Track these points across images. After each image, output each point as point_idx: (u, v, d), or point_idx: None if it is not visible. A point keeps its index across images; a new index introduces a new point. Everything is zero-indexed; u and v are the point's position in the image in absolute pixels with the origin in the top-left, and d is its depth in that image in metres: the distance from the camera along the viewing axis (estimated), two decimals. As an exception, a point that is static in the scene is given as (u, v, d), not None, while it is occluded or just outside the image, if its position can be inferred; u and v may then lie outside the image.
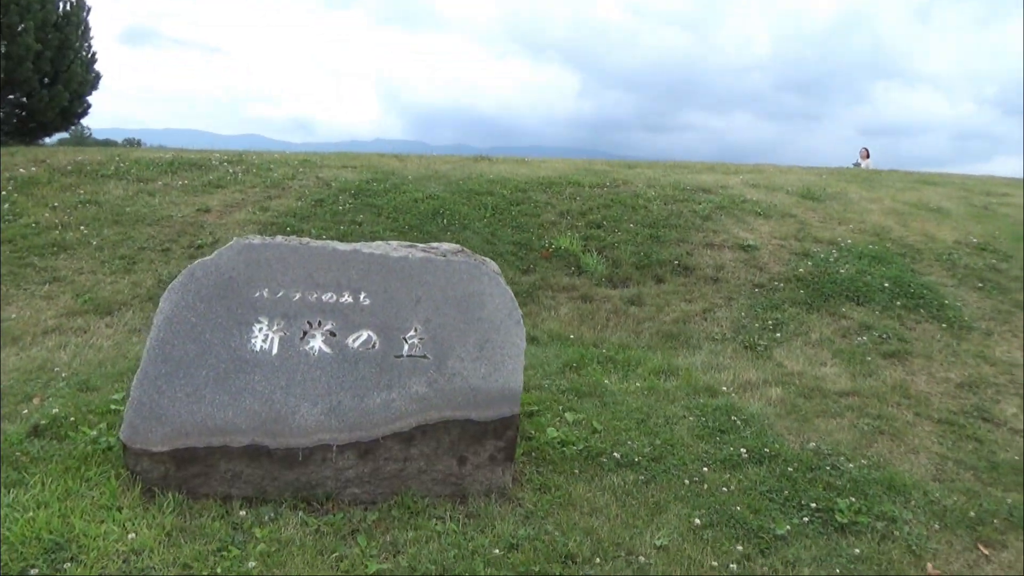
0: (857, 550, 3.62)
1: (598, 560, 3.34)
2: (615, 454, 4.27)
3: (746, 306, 6.89)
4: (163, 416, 3.60)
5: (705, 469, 4.22)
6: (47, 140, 20.02)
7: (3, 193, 8.83)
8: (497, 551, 3.32)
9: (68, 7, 18.89)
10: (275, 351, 3.81)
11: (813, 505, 3.92)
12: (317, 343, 3.85)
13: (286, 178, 9.89)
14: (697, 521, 3.70)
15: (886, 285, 7.07)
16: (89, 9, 19.66)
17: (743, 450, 4.42)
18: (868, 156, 18.98)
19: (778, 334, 6.38)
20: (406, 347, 3.87)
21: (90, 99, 20.04)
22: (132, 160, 10.67)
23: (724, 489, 4.01)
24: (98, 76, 20.18)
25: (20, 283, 6.84)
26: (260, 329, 3.87)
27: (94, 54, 20.08)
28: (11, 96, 17.67)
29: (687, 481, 4.08)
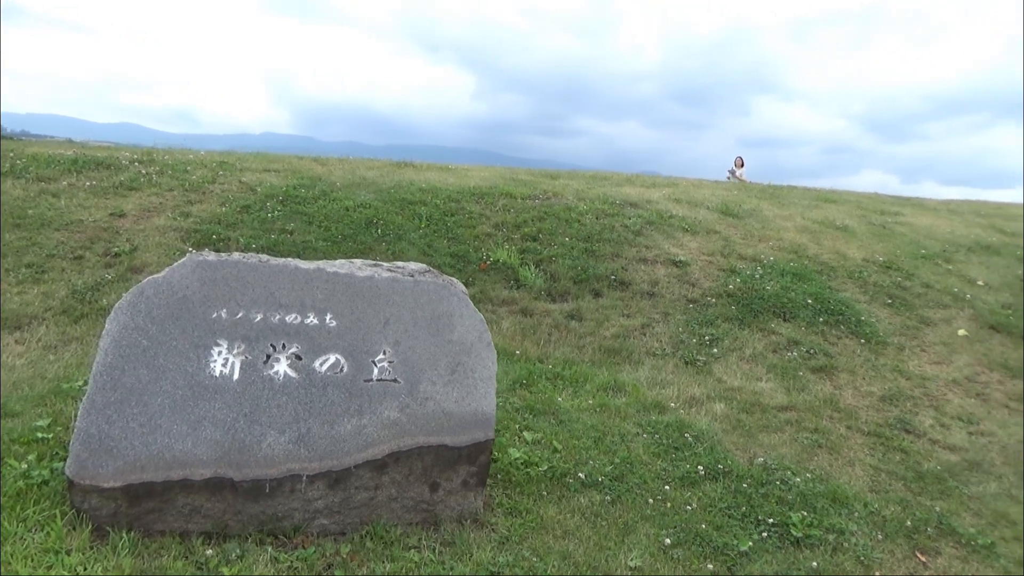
0: (814, 563, 3.80)
1: (579, 585, 3.35)
2: (579, 474, 4.31)
3: (682, 321, 7.12)
4: (114, 449, 3.33)
5: (666, 487, 4.32)
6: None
7: None
8: (480, 581, 3.27)
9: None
10: (236, 376, 3.60)
11: (770, 520, 4.09)
12: (282, 367, 3.67)
13: (206, 181, 9.40)
14: (666, 541, 3.78)
15: (809, 302, 7.48)
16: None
17: (699, 467, 4.55)
18: (743, 165, 18.66)
19: (715, 349, 6.61)
20: (376, 371, 3.76)
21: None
22: (28, 156, 9.85)
23: (687, 507, 4.12)
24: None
25: (-91, 293, 6.17)
26: (219, 353, 3.65)
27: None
28: None
29: (651, 500, 4.17)
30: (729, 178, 18.18)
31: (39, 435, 4.12)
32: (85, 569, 3.02)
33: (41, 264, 6.82)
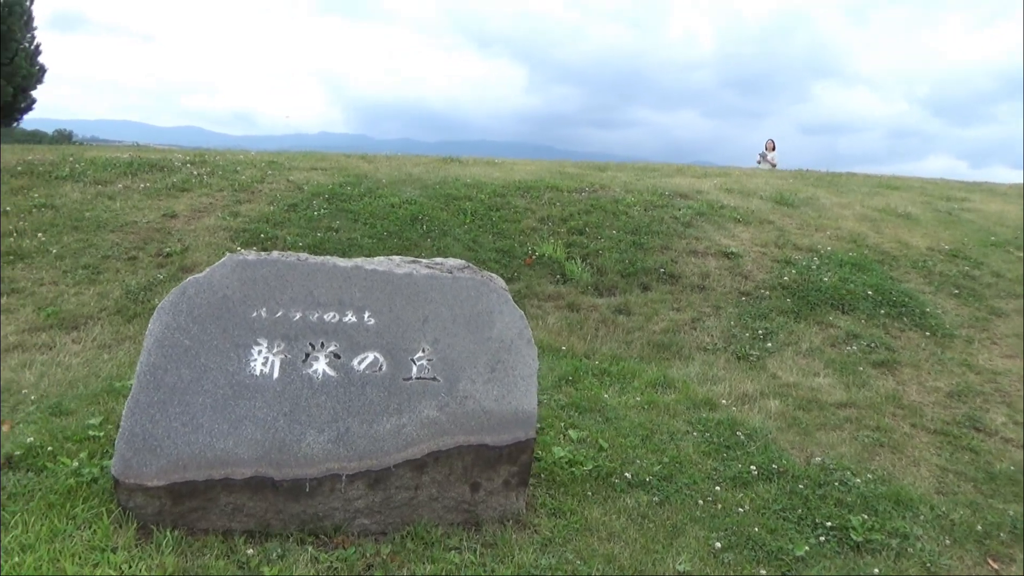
0: (876, 569, 3.59)
1: (624, 590, 3.23)
2: (626, 474, 4.18)
3: (734, 315, 6.89)
4: (158, 448, 3.36)
5: (717, 488, 4.15)
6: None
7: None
8: (521, 584, 3.18)
9: (11, -3, 17.98)
10: (276, 375, 3.60)
11: (828, 523, 3.89)
12: (321, 366, 3.65)
13: (255, 181, 9.55)
14: (717, 544, 3.63)
15: (869, 293, 7.15)
16: (33, -1, 18.74)
17: (752, 467, 4.37)
18: (774, 148, 17.57)
19: (769, 344, 6.38)
20: (415, 369, 3.70)
21: (34, 93, 19.11)
22: (87, 160, 10.17)
23: (739, 509, 3.95)
24: (43, 69, 19.27)
25: (-25, 294, 6.41)
26: (259, 352, 3.64)
27: (38, 46, 19.16)
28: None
29: (700, 501, 4.01)
30: (759, 162, 17.49)
31: (91, 433, 4.20)
32: (130, 567, 3.04)
33: (97, 265, 7.01)
